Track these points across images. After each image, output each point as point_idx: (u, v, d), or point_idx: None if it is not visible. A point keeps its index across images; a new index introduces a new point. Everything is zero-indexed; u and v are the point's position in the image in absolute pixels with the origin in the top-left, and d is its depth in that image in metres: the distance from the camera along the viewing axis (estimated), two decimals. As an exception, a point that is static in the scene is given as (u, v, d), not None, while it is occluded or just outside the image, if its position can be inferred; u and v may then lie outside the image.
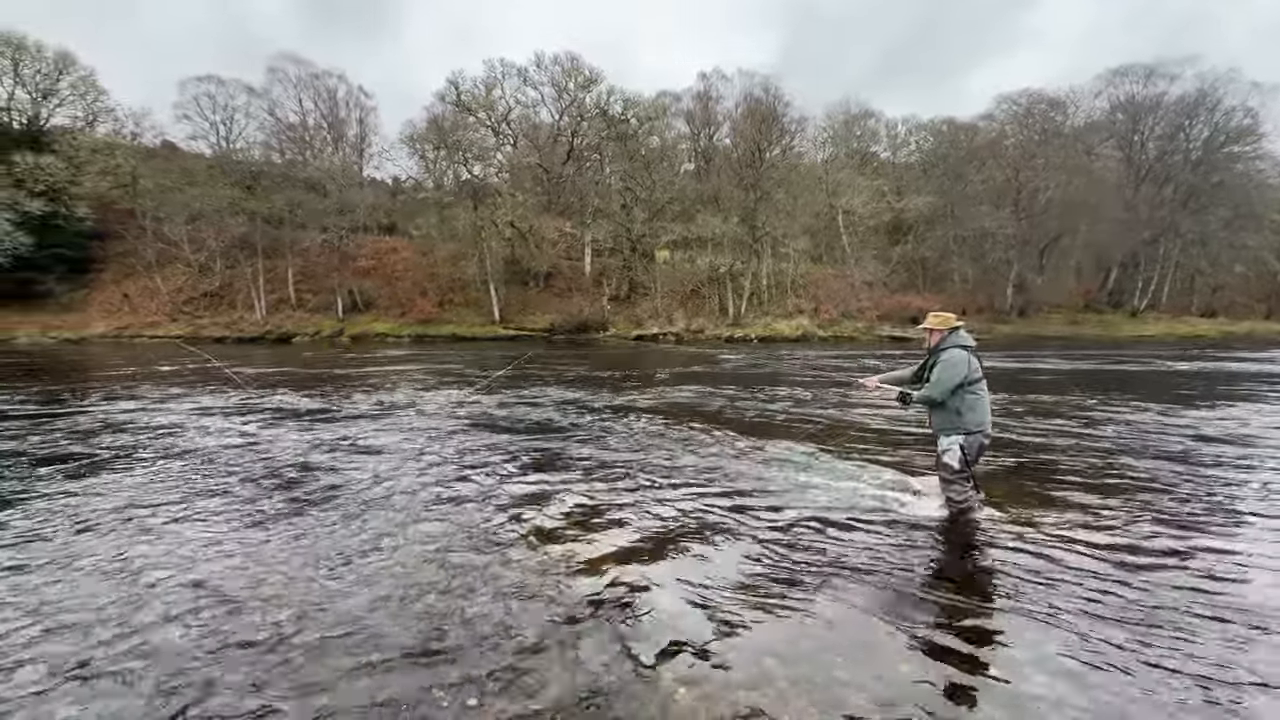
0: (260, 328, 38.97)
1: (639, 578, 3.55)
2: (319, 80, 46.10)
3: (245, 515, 4.68)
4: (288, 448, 7.08)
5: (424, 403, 10.87)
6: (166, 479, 5.74)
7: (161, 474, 5.93)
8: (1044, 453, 6.73)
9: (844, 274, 45.04)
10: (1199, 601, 3.23)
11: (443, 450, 6.94)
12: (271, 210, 40.62)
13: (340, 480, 5.67)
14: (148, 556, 3.87)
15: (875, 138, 59.15)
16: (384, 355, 25.10)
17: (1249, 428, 8.19)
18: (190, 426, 8.49)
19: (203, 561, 3.79)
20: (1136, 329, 42.47)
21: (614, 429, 8.26)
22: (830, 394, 11.90)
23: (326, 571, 3.64)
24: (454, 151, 43.47)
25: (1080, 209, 43.37)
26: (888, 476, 5.68)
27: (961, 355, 4.33)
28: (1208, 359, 20.96)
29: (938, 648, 2.78)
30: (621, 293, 44.23)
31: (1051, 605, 3.18)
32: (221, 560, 3.81)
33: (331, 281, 41.53)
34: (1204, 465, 6.18)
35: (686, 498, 5.10)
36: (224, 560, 3.81)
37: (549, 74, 47.40)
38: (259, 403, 10.82)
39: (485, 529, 4.36)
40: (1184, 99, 45.45)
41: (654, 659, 2.69)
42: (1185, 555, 3.86)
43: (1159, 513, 4.68)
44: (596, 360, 21.77)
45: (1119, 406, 10.08)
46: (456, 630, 2.93)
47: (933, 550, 4.03)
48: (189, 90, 43.24)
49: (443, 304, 42.56)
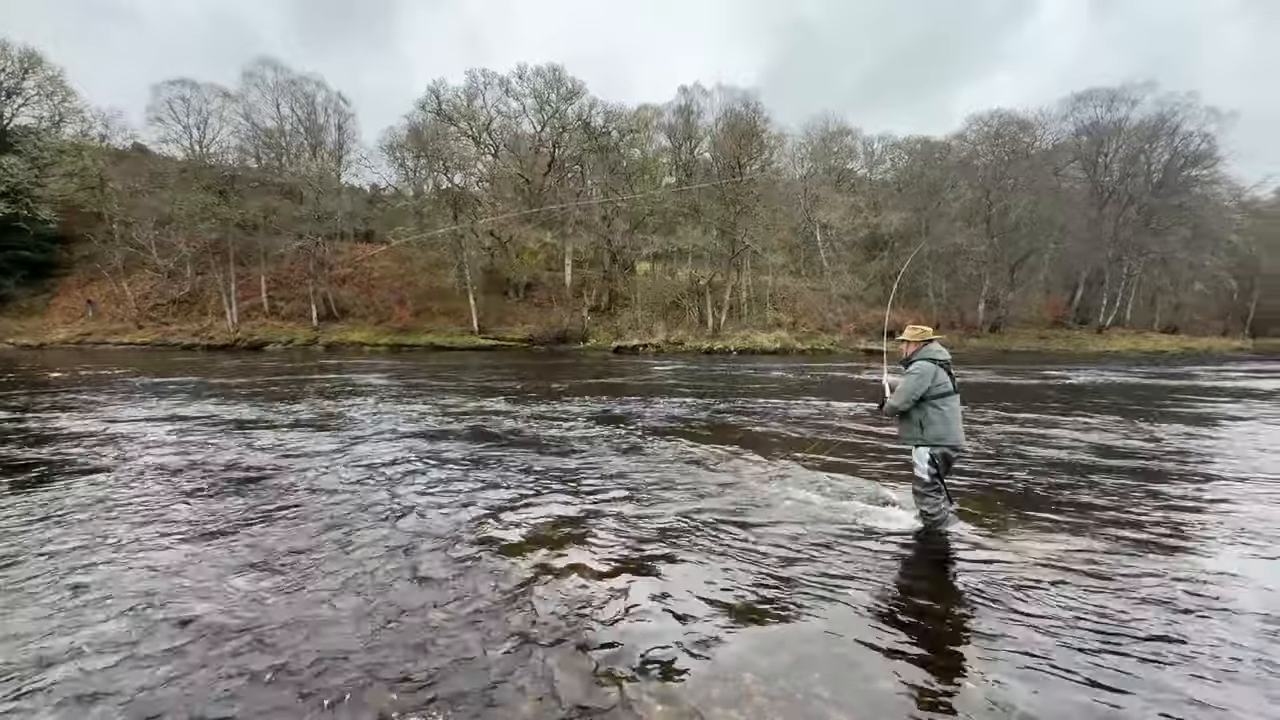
0: (231, 335, 38.08)
1: (614, 592, 3.51)
2: (296, 86, 45.59)
3: (198, 529, 4.53)
4: (243, 459, 6.90)
5: (392, 413, 10.69)
6: (119, 494, 5.54)
7: (113, 489, 5.73)
8: (1016, 465, 6.85)
9: (821, 288, 45.67)
10: (1164, 614, 3.30)
11: (411, 461, 6.82)
12: (245, 216, 39.81)
13: (297, 494, 5.53)
14: (104, 579, 3.72)
15: (852, 154, 60.37)
16: (358, 364, 24.68)
17: (1208, 443, 8.46)
18: (136, 436, 8.22)
19: (154, 578, 3.65)
20: (1102, 345, 43.72)
21: (589, 440, 8.21)
22: (807, 406, 12.00)
23: (284, 593, 3.53)
24: (434, 160, 43.24)
25: (1048, 228, 44.74)
26: (864, 489, 5.73)
27: (929, 368, 4.40)
28: (1170, 375, 21.64)
29: (915, 661, 2.80)
30: (602, 304, 44.24)
31: (1023, 616, 3.22)
32: (172, 578, 3.67)
33: (306, 289, 40.83)
34: (1169, 478, 6.35)
35: (660, 511, 5.07)
36: (175, 579, 3.67)
37: (531, 85, 47.56)
38: (219, 411, 10.54)
39: (453, 543, 4.28)
40: (1144, 123, 47.29)
41: (630, 676, 2.65)
42: (1152, 568, 3.94)
43: (1126, 526, 4.78)
44: (575, 371, 21.67)
45: (1088, 420, 10.33)
46: (425, 649, 2.86)
47: (908, 563, 4.06)
48: (162, 93, 42.43)
49: (420, 313, 42.10)
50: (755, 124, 43.96)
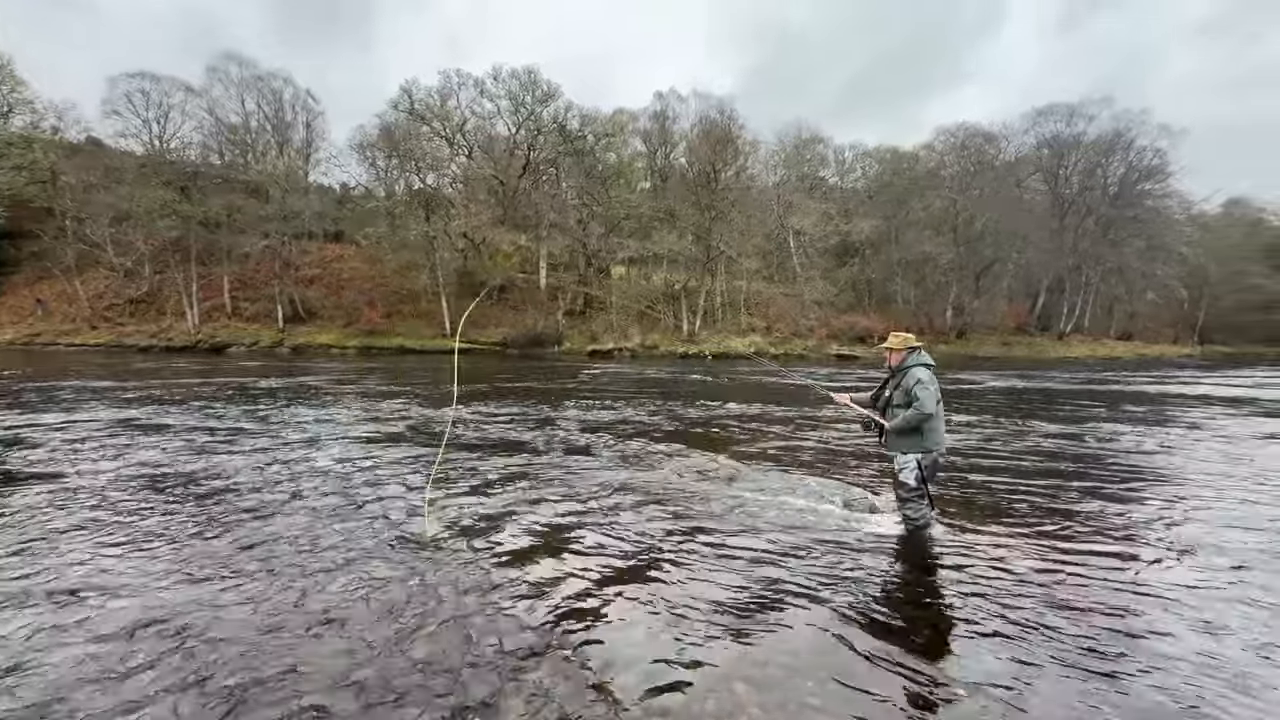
0: (191, 337, 36.76)
1: (601, 603, 3.44)
2: (263, 82, 44.41)
3: (161, 536, 4.31)
4: (205, 467, 6.62)
5: (358, 417, 10.42)
6: (78, 499, 5.26)
7: (73, 494, 5.43)
8: (997, 470, 6.98)
9: (795, 293, 46.23)
10: (1139, 617, 3.36)
11: (379, 468, 6.64)
12: (208, 214, 38.50)
13: (266, 502, 5.33)
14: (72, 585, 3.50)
15: (824, 162, 61.31)
16: (325, 367, 24.05)
17: (1177, 448, 8.77)
18: (79, 441, 7.84)
19: (122, 591, 3.45)
20: (1062, 351, 45.26)
21: (566, 448, 8.11)
22: (786, 411, 12.08)
23: (252, 601, 3.37)
24: (406, 160, 42.51)
25: (1011, 237, 46.15)
26: (847, 494, 5.75)
27: (930, 374, 4.43)
28: (1129, 381, 22.45)
29: (905, 668, 2.79)
30: (577, 308, 44.02)
31: (1012, 621, 3.25)
32: (135, 587, 3.47)
33: (272, 289, 39.68)
34: (1142, 481, 6.54)
35: (645, 519, 5.02)
36: (138, 587, 3.48)
37: (506, 87, 47.13)
38: (181, 417, 10.13)
39: (429, 554, 4.15)
40: (1101, 138, 49.27)
41: (623, 688, 2.59)
42: (1127, 569, 4.03)
43: (1102, 529, 4.89)
44: (549, 375, 21.48)
45: (1062, 425, 10.62)
46: (410, 665, 2.74)
47: (893, 568, 4.08)
48: (119, 86, 40.87)
49: (391, 315, 41.28)
50: (730, 130, 44.36)
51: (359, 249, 45.36)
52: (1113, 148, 49.18)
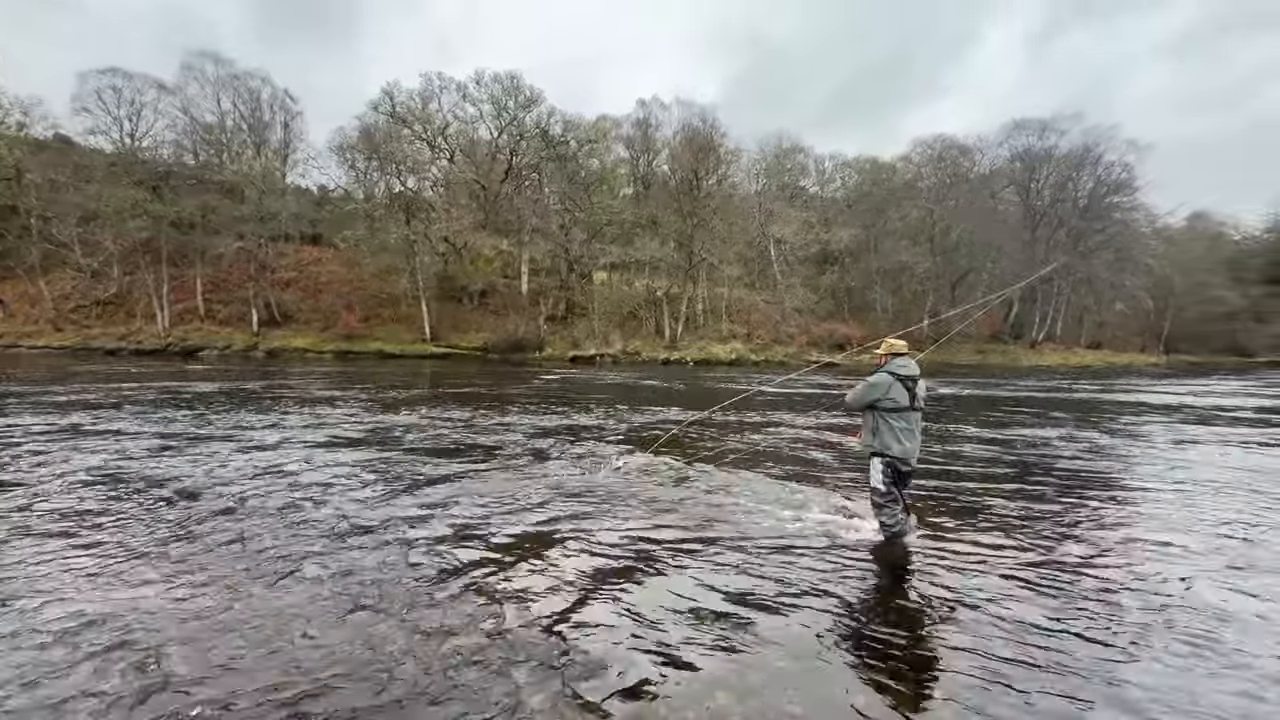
0: (162, 340, 35.83)
1: (580, 612, 3.41)
2: (240, 81, 43.71)
3: (136, 547, 4.18)
4: (171, 474, 6.45)
5: (332, 424, 10.25)
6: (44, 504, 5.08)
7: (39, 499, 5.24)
8: (971, 476, 7.08)
9: (775, 301, 46.65)
10: (1116, 621, 3.43)
11: (354, 476, 6.52)
12: (181, 214, 37.65)
13: (236, 512, 5.20)
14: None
15: (804, 172, 62.13)
16: (300, 371, 23.61)
17: (1150, 455, 8.99)
18: (33, 447, 7.60)
19: (84, 601, 3.33)
20: (1035, 359, 46.24)
21: (546, 454, 8.06)
22: (766, 418, 12.15)
23: (225, 614, 3.28)
24: (387, 163, 42.09)
25: (986, 248, 47.15)
26: (826, 501, 5.80)
27: (884, 379, 4.54)
28: (1099, 389, 23.01)
29: (884, 674, 2.80)
30: (558, 313, 43.88)
31: (989, 626, 3.29)
32: (110, 602, 3.36)
33: (246, 292, 38.88)
34: (1117, 488, 6.69)
35: (623, 528, 4.99)
36: (113, 602, 3.36)
37: (489, 91, 47.03)
38: (151, 421, 9.86)
39: (406, 564, 4.08)
40: (1072, 152, 50.68)
41: (604, 698, 2.56)
42: (1102, 574, 4.11)
43: (1075, 534, 4.99)
44: (530, 380, 21.35)
45: (1034, 431, 10.83)
46: (382, 680, 2.69)
47: (871, 575, 4.10)
48: (90, 82, 39.84)
49: (369, 319, 40.72)
50: (712, 139, 44.73)
51: (337, 252, 44.71)
52: (1082, 162, 50.63)
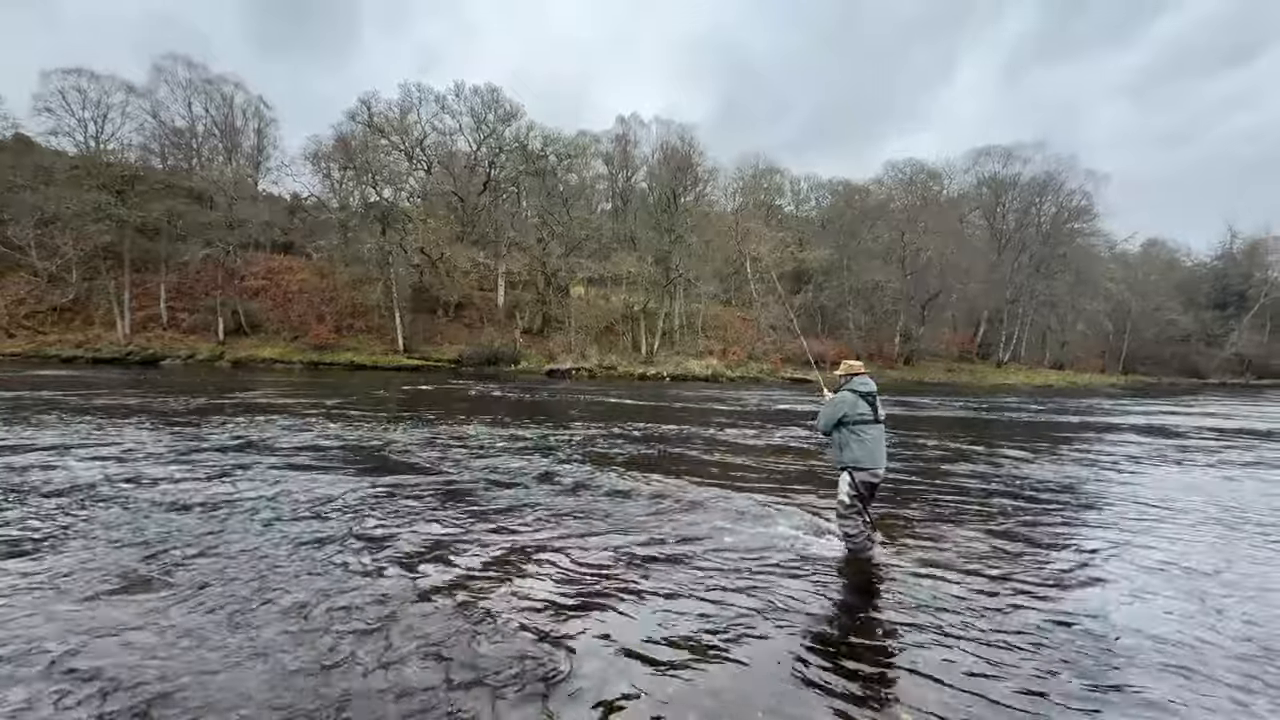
0: (121, 348, 34.60)
1: (553, 632, 3.37)
2: (213, 85, 43.02)
3: (101, 573, 4.00)
4: (142, 488, 6.21)
5: (299, 439, 10.01)
6: None
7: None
8: (945, 490, 7.21)
9: (751, 318, 47.17)
10: (1070, 632, 3.51)
11: (325, 495, 6.37)
12: (146, 219, 36.61)
13: (207, 531, 5.03)
14: None
15: (780, 192, 63.38)
16: (267, 383, 23.00)
17: (1108, 475, 9.27)
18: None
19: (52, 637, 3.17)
20: (1001, 378, 47.50)
21: (520, 472, 7.98)
22: (740, 435, 12.22)
23: (199, 638, 3.15)
24: (363, 172, 41.64)
25: (955, 269, 48.49)
26: (794, 516, 5.84)
27: (847, 397, 4.70)
28: (1060, 408, 23.71)
29: (853, 692, 2.82)
30: (535, 326, 43.68)
31: (957, 641, 3.34)
32: (70, 629, 3.20)
33: (213, 300, 37.85)
34: (1075, 505, 6.87)
35: (595, 546, 4.95)
36: (73, 629, 3.21)
37: (468, 104, 47.04)
38: (109, 435, 9.49)
39: (381, 582, 3.99)
40: (1035, 179, 52.78)
41: (578, 719, 2.52)
42: (1059, 588, 4.21)
43: (1035, 549, 5.11)
44: (505, 394, 21.15)
45: (1006, 449, 11.09)
46: (360, 701, 2.61)
47: (841, 590, 4.14)
48: (53, 82, 38.70)
49: (341, 329, 39.96)
50: (690, 157, 45.36)
51: (309, 261, 43.93)
52: (1045, 189, 52.75)
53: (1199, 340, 62.96)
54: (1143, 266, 64.93)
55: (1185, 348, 62.29)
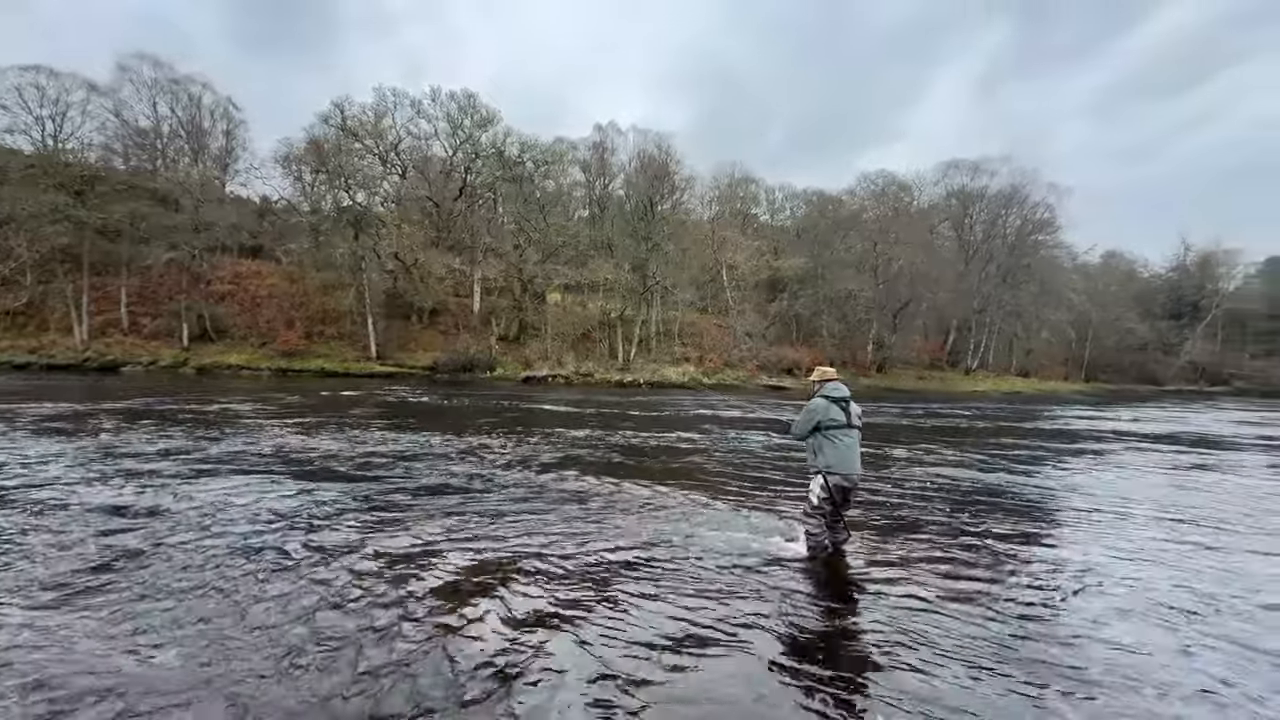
0: (78, 354, 33.32)
1: (531, 643, 3.33)
2: (180, 86, 41.92)
3: (57, 585, 3.84)
4: (104, 502, 5.99)
5: (267, 448, 9.77)
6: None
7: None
8: (920, 496, 7.33)
9: (727, 325, 47.52)
10: (1031, 634, 3.60)
11: (294, 505, 6.22)
12: (107, 221, 35.41)
13: (177, 542, 4.87)
14: None
15: (756, 201, 64.16)
16: (233, 390, 22.38)
17: (1080, 480, 9.53)
18: None
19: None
20: (970, 385, 48.65)
21: (491, 479, 7.89)
22: (713, 441, 12.28)
23: (172, 649, 3.04)
24: (335, 176, 40.95)
25: (925, 279, 49.63)
26: (773, 524, 5.88)
27: (821, 403, 4.79)
28: (1027, 414, 24.35)
29: (833, 701, 2.84)
30: (511, 333, 43.36)
31: (933, 648, 3.39)
32: (31, 646, 3.06)
33: (177, 305, 36.73)
34: (1040, 511, 7.06)
35: (573, 555, 4.92)
36: (34, 646, 3.07)
37: (444, 109, 46.72)
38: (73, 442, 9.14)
39: (355, 592, 3.90)
40: (1001, 192, 54.45)
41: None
42: (1030, 589, 4.31)
43: (1005, 554, 5.23)
44: (480, 401, 20.92)
45: (979, 456, 11.33)
46: (336, 713, 2.54)
47: (820, 599, 4.17)
48: (9, 79, 37.27)
49: (311, 335, 39.10)
50: (667, 165, 45.68)
51: (279, 265, 42.95)
52: (1010, 201, 54.45)
53: (1155, 349, 65.43)
54: (1103, 277, 67.32)
55: (1143, 356, 64.67)
